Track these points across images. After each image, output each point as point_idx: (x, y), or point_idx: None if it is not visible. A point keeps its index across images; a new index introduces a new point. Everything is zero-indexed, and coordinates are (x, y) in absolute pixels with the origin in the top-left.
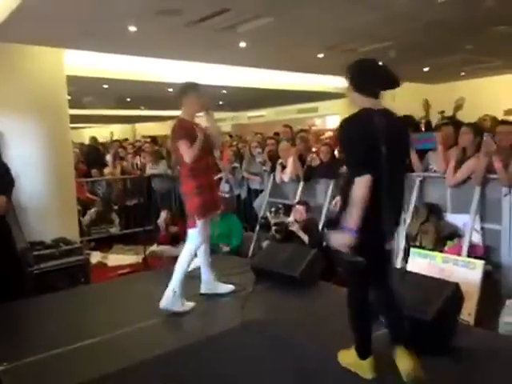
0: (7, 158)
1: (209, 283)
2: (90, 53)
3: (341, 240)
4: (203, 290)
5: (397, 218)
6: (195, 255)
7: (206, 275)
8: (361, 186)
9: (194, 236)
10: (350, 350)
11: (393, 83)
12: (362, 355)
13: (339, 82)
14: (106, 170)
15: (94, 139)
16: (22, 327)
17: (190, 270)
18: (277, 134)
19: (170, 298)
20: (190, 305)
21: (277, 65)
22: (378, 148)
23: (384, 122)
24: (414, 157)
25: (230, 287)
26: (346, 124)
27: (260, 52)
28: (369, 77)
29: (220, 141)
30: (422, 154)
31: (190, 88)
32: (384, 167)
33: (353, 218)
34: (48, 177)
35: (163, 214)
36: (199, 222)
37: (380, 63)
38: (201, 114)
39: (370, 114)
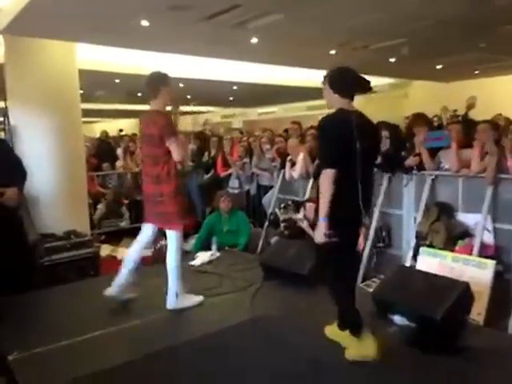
0: (20, 150)
1: (123, 287)
2: (102, 47)
3: (321, 233)
4: (112, 291)
5: (369, 201)
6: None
7: (127, 277)
8: (326, 177)
9: (176, 236)
10: (352, 343)
11: (366, 87)
12: (357, 331)
13: None
14: (118, 164)
15: (105, 133)
16: (33, 318)
17: (198, 264)
18: (286, 130)
19: (174, 298)
20: (198, 299)
21: (288, 61)
22: (354, 143)
23: (359, 122)
24: (425, 155)
25: (131, 295)
26: (327, 122)
27: (271, 48)
28: (348, 81)
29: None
30: (433, 152)
31: (167, 79)
32: (358, 160)
33: (322, 209)
34: (60, 170)
35: None
36: (180, 227)
37: (355, 71)
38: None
39: (347, 114)
